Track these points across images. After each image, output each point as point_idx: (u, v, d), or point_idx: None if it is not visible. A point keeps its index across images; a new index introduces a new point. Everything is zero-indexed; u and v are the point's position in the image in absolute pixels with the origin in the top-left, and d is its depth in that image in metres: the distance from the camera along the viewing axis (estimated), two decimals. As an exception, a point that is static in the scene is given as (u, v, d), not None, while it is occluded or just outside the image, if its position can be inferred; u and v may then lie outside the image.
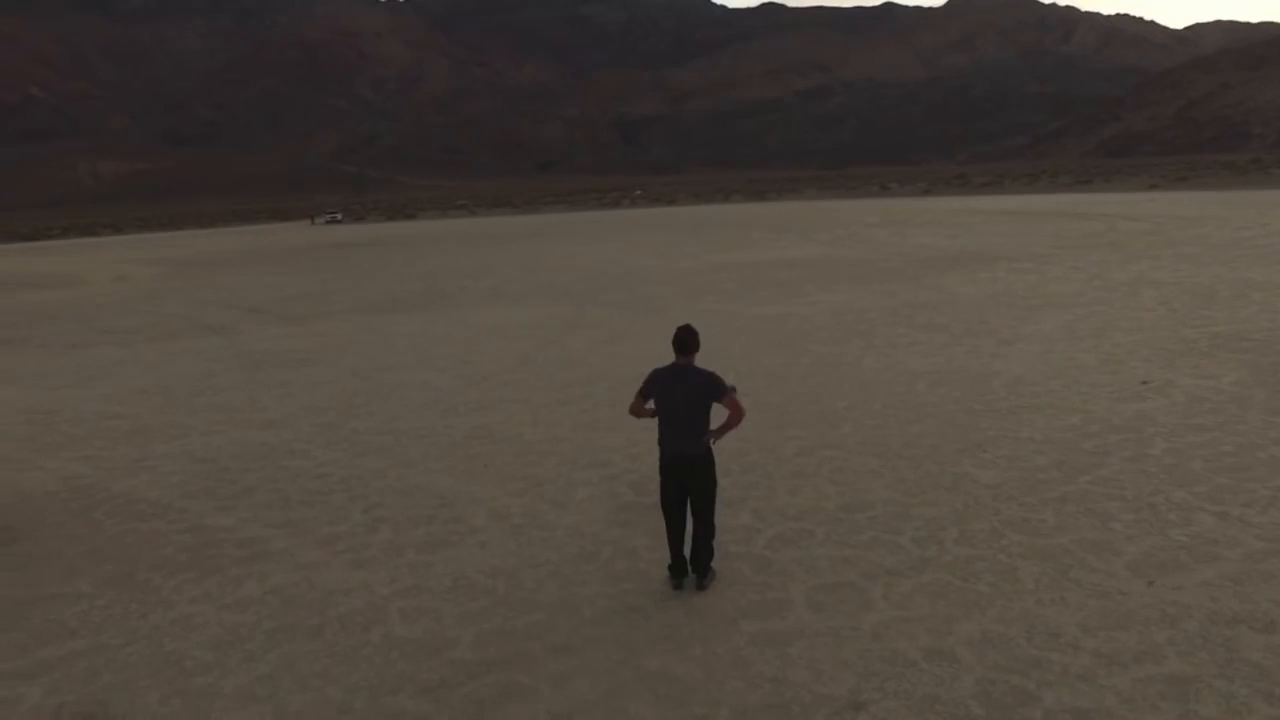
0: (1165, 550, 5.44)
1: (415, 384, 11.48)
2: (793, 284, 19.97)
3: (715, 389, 5.21)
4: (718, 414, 5.30)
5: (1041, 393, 9.32)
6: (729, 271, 23.36)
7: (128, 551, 6.30)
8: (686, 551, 5.35)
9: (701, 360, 5.49)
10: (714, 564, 5.51)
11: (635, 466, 7.54)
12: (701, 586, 5.30)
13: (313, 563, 5.98)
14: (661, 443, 5.26)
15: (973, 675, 4.24)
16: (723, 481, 7.01)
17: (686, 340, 5.28)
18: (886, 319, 14.57)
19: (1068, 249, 24.28)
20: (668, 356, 5.50)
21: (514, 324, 16.19)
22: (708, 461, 5.29)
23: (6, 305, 24.92)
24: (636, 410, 5.35)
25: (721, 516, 5.60)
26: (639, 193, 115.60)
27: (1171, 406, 8.54)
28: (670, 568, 5.36)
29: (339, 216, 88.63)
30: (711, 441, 5.31)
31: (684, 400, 5.21)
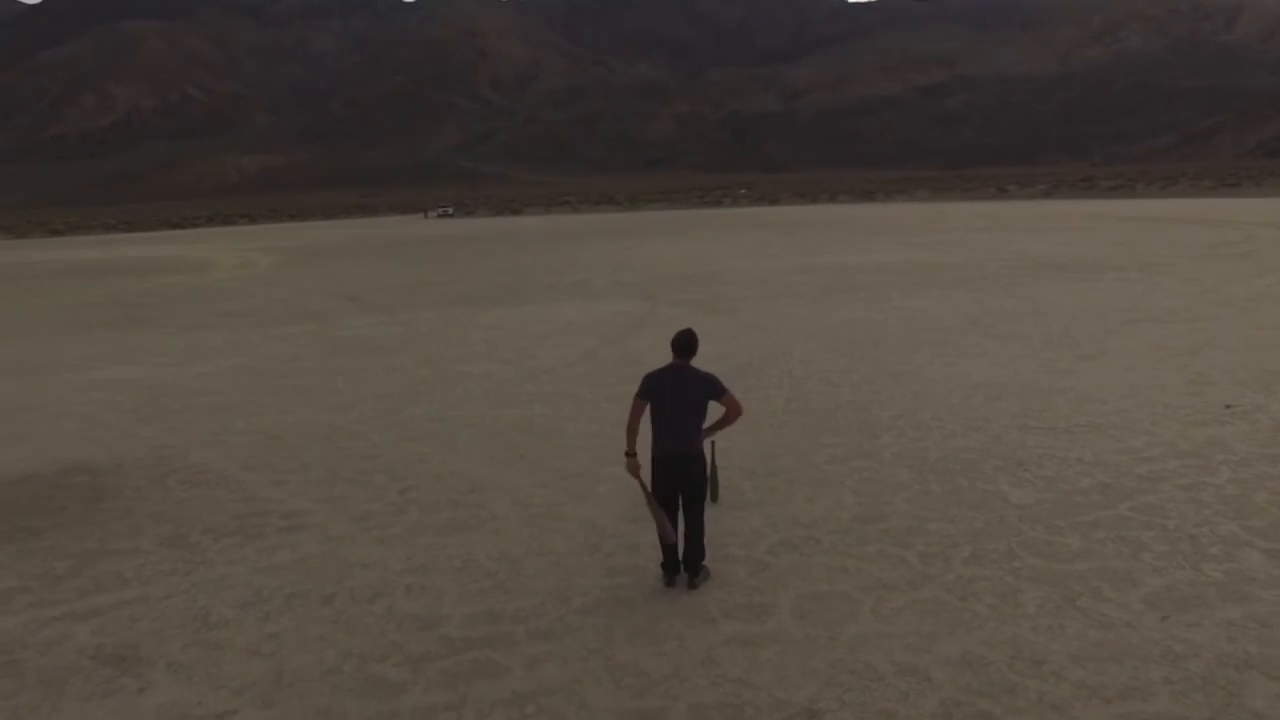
0: (1193, 585, 5.11)
1: (478, 374, 11.96)
2: (877, 289, 19.49)
3: (715, 388, 5.29)
4: (715, 413, 5.36)
5: (1108, 412, 8.81)
6: (814, 274, 23.00)
7: (187, 515, 6.95)
8: (680, 550, 5.44)
9: (763, 361, 5.57)
10: (713, 565, 5.58)
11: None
12: (692, 585, 5.37)
13: (342, 536, 6.42)
14: (657, 442, 5.36)
15: (939, 695, 4.15)
16: (744, 484, 7.11)
17: (688, 342, 5.39)
18: (964, 328, 14.05)
19: (1188, 258, 22.58)
20: (727, 357, 5.65)
21: (587, 320, 16.54)
22: (703, 463, 5.37)
23: (145, 289, 27.43)
24: (633, 423, 5.41)
25: (733, 519, 5.65)
26: (744, 191, 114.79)
27: (1252, 434, 7.91)
28: (663, 565, 5.46)
29: (450, 211, 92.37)
30: (708, 440, 5.39)
31: (683, 401, 5.30)
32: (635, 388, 5.58)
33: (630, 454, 5.32)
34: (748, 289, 20.35)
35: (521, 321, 16.68)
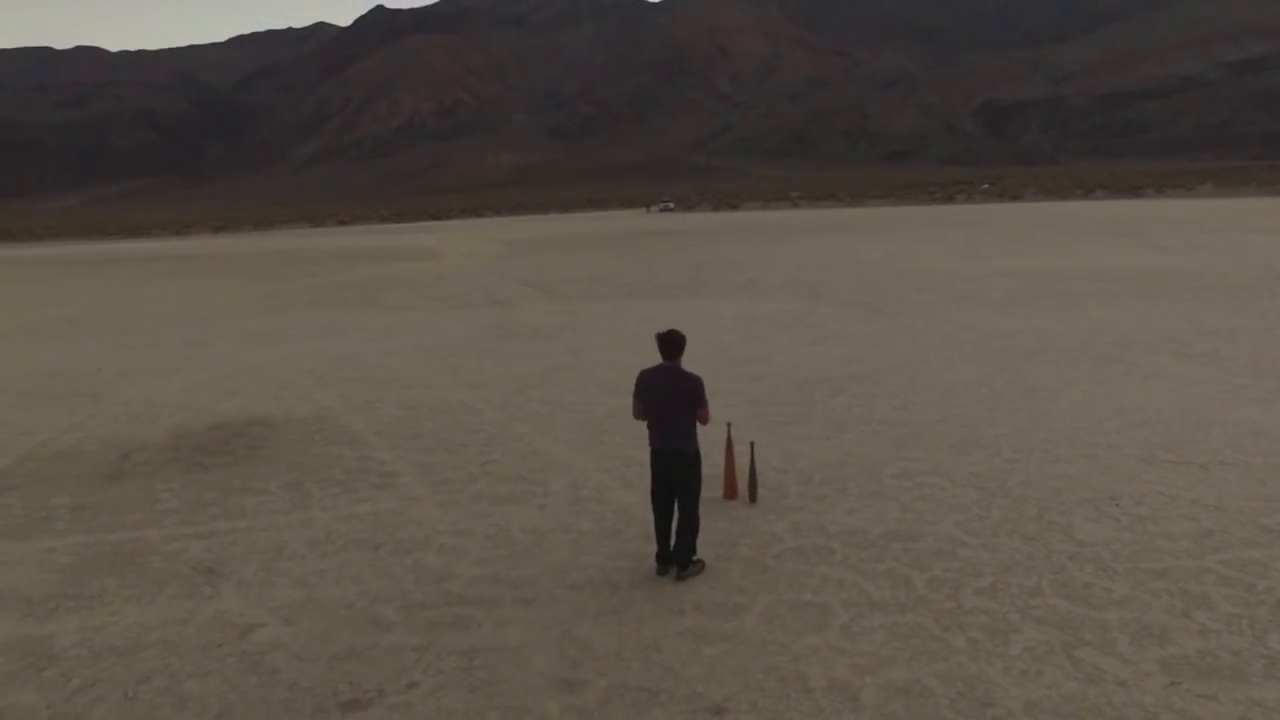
0: (1237, 656, 4.41)
1: (608, 364, 12.63)
2: (1076, 296, 17.60)
3: (696, 396, 5.40)
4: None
5: (1272, 451, 7.51)
6: (1014, 278, 21.16)
7: (312, 467, 8.26)
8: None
9: (892, 369, 5.69)
10: (716, 562, 5.71)
11: (719, 473, 7.77)
12: (679, 578, 5.54)
13: (415, 497, 7.31)
14: (650, 439, 5.58)
15: (855, 718, 4.04)
16: (793, 489, 7.06)
17: (674, 342, 5.54)
18: (1153, 345, 12.39)
19: None
20: (855, 361, 5.83)
21: (739, 316, 16.64)
22: (694, 460, 5.51)
23: (378, 274, 31.52)
24: (638, 413, 5.68)
25: (760, 520, 5.74)
26: (986, 186, 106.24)
27: None
28: (657, 556, 5.68)
29: (671, 205, 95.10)
30: (750, 442, 5.56)
31: (674, 400, 5.48)
32: (740, 387, 5.84)
33: None
34: (928, 292, 19.22)
35: (679, 315, 17.14)
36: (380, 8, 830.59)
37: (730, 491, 6.93)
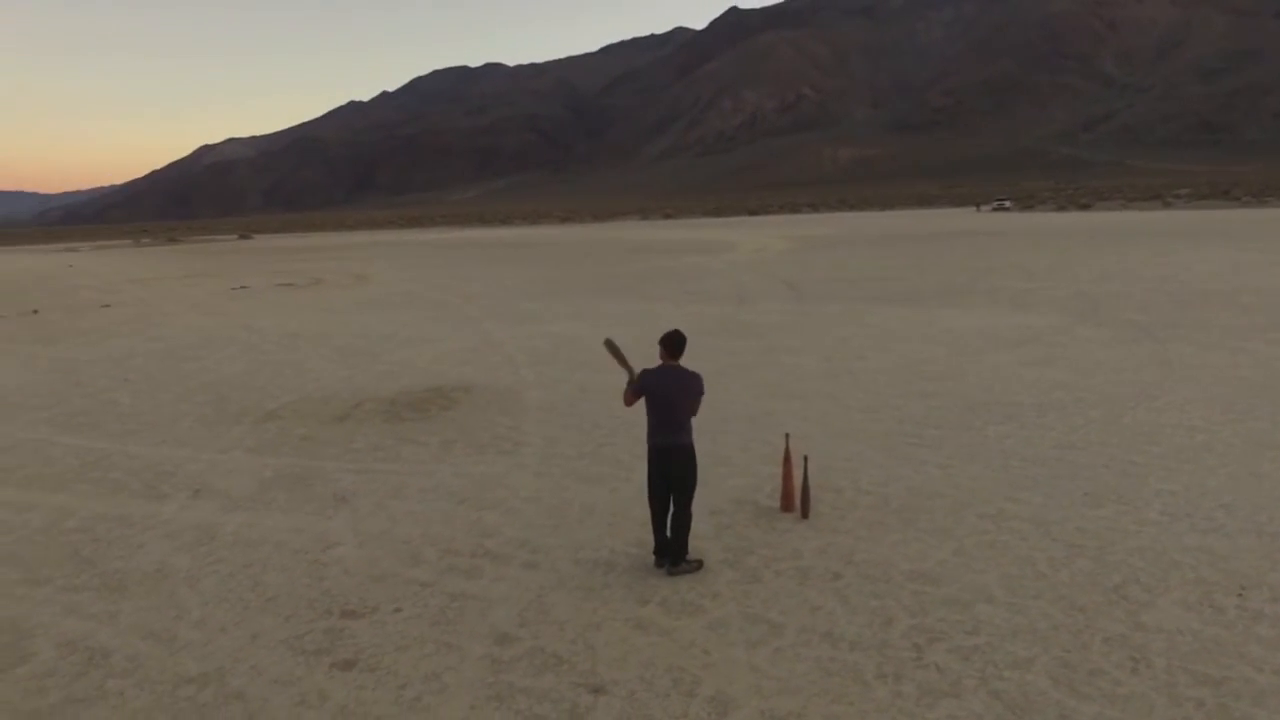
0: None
1: (786, 366, 12.60)
2: None
3: (699, 387, 5.63)
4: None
5: None
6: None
7: (472, 430, 9.72)
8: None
9: (1098, 400, 5.83)
10: (718, 564, 5.87)
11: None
12: (670, 573, 5.80)
13: (522, 465, 8.34)
14: (650, 436, 5.89)
15: (709, 729, 4.10)
16: (862, 511, 6.79)
17: (679, 343, 5.78)
18: None
19: None
20: (1062, 388, 6.04)
21: (971, 329, 15.25)
22: (690, 456, 5.71)
23: (658, 266, 33.64)
24: (629, 401, 6.03)
25: (794, 535, 5.83)
26: None
27: None
28: (655, 549, 5.98)
29: (1007, 204, 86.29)
30: (804, 455, 5.77)
31: (679, 399, 5.74)
32: (899, 404, 6.18)
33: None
34: (1239, 318, 15.72)
35: (910, 323, 16.20)
36: (734, 9, 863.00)
37: (786, 504, 6.88)
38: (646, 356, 6.74)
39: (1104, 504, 6.78)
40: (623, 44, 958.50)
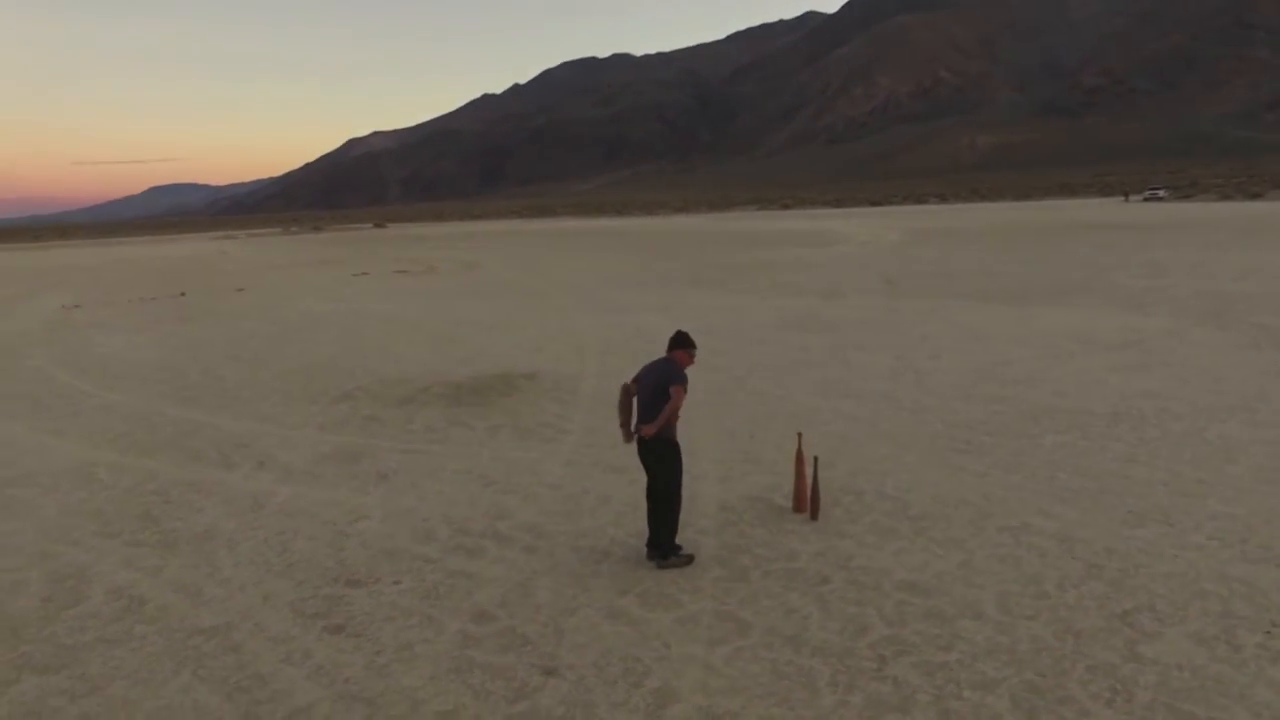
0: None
1: (853, 363, 12.24)
2: None
3: (670, 375, 5.62)
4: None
5: None
6: None
7: (521, 415, 10.08)
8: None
9: (1186, 418, 5.86)
10: (711, 562, 5.90)
11: (823, 484, 7.49)
12: (659, 566, 5.86)
13: (554, 453, 8.58)
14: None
15: None
16: (876, 516, 6.65)
17: (673, 339, 5.79)
18: None
19: None
20: (1160, 399, 6.08)
21: (1066, 331, 14.24)
22: (659, 446, 5.71)
23: (758, 258, 33.17)
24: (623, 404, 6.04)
25: (798, 537, 5.82)
26: None
27: None
28: (646, 541, 6.04)
29: (1161, 194, 79.01)
30: (813, 455, 5.76)
31: (650, 390, 5.79)
32: (942, 410, 6.56)
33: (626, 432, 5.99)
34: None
35: (1002, 322, 15.32)
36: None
37: (798, 504, 6.77)
38: (709, 347, 6.76)
39: (1146, 524, 6.28)
40: (750, 31, 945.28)
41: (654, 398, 5.75)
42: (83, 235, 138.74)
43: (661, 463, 5.80)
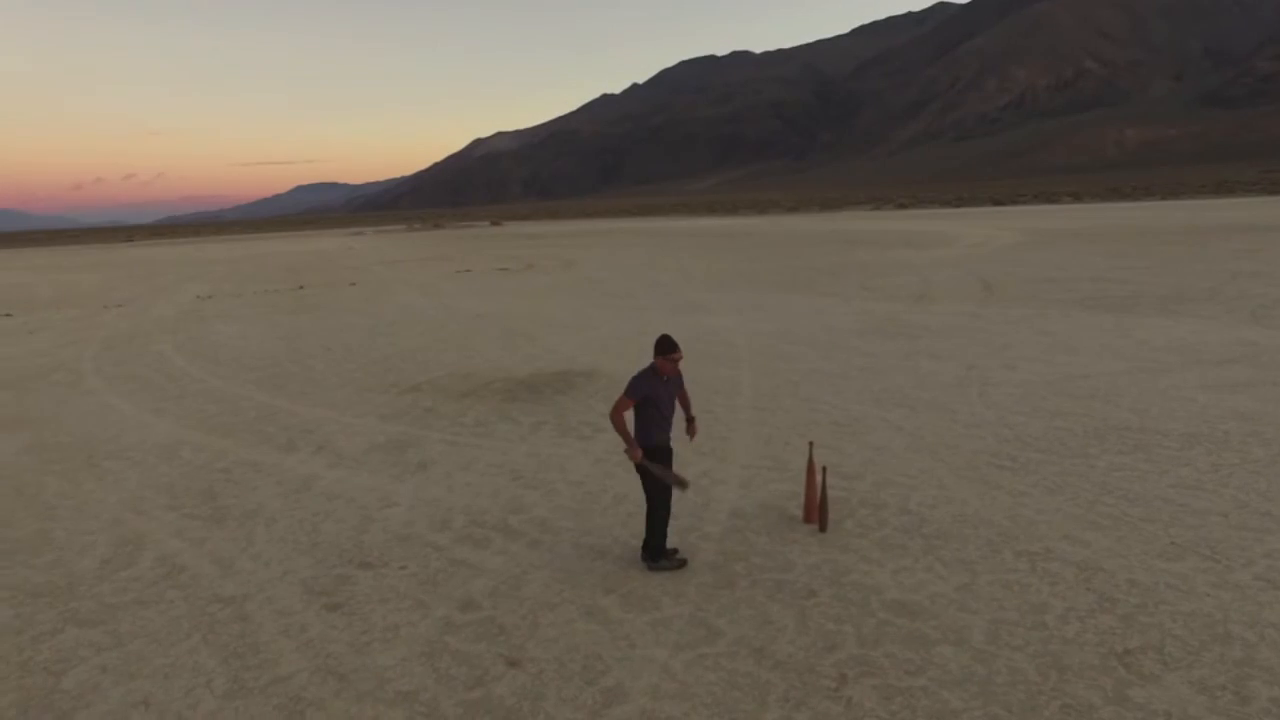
0: None
1: (920, 372, 11.76)
2: None
3: (628, 385, 5.65)
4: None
5: None
6: None
7: (567, 413, 10.30)
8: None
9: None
10: (705, 564, 5.91)
11: (844, 496, 7.29)
12: (650, 568, 5.91)
13: (586, 451, 8.74)
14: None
15: None
16: (887, 532, 6.52)
17: (657, 345, 5.79)
18: None
19: None
20: (1253, 421, 6.36)
21: (1167, 343, 13.12)
22: (648, 455, 5.74)
23: (858, 260, 32.15)
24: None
25: (800, 546, 5.81)
26: None
27: None
28: (642, 543, 6.09)
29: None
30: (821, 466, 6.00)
31: (669, 397, 5.82)
32: (1021, 420, 6.67)
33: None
34: None
35: (1099, 332, 14.29)
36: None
37: (809, 515, 6.65)
38: (774, 351, 6.80)
39: (1186, 557, 5.78)
40: (876, 24, 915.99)
41: (670, 406, 5.82)
42: (234, 231, 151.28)
43: (647, 471, 5.84)
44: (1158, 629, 4.88)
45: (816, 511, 6.58)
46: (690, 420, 6.05)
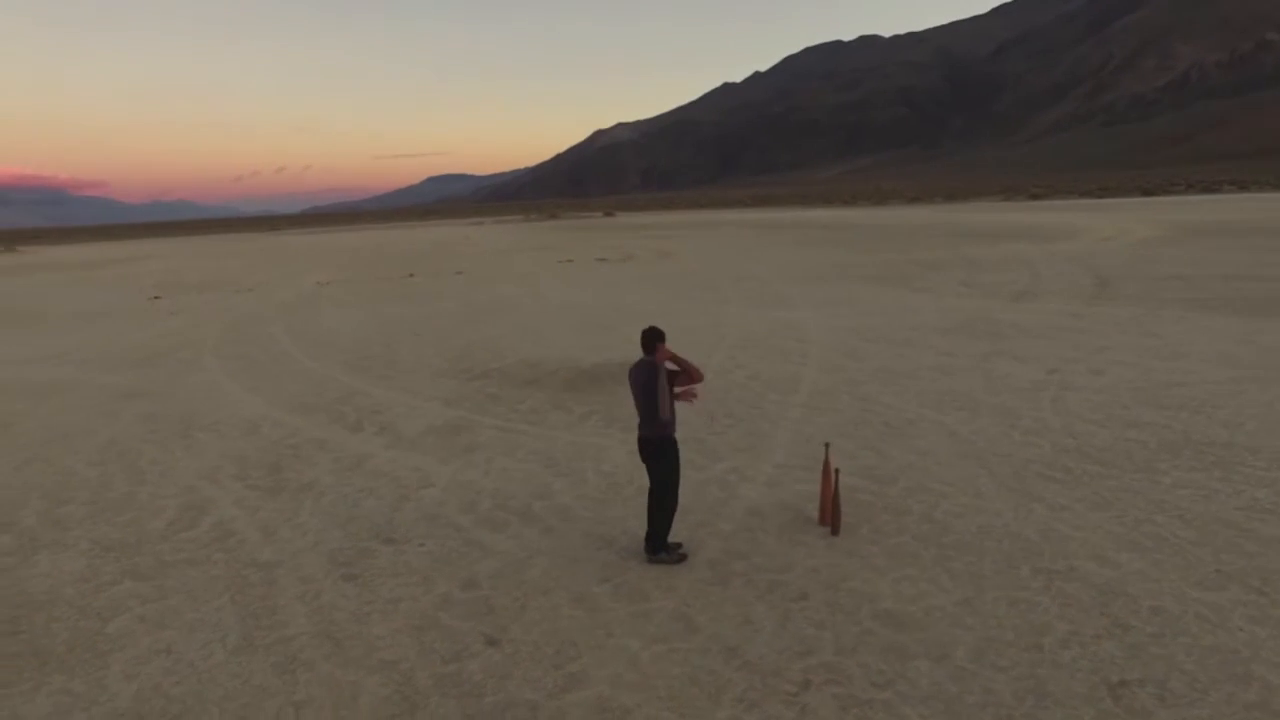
0: None
1: (994, 374, 11.16)
2: None
3: (637, 377, 5.74)
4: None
5: None
6: None
7: (618, 405, 10.46)
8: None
9: None
10: (703, 561, 5.94)
11: (870, 500, 7.08)
12: (649, 560, 5.99)
13: (627, 442, 8.82)
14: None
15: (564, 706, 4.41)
16: (904, 539, 6.39)
17: (647, 336, 5.84)
18: None
19: None
20: None
21: (1210, 352, 11.85)
22: (651, 448, 5.80)
23: (967, 254, 30.50)
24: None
25: (807, 549, 5.82)
26: None
27: None
28: (645, 535, 6.16)
29: None
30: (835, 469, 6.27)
31: (636, 390, 5.88)
32: (1092, 430, 7.08)
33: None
34: None
35: (1212, 336, 13.04)
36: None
37: (823, 517, 6.52)
38: (845, 348, 6.82)
39: (1228, 587, 5.29)
40: (1017, 4, 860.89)
41: (642, 397, 5.86)
42: (366, 220, 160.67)
43: (659, 460, 5.90)
44: (1165, 661, 4.52)
45: (826, 513, 6.45)
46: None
